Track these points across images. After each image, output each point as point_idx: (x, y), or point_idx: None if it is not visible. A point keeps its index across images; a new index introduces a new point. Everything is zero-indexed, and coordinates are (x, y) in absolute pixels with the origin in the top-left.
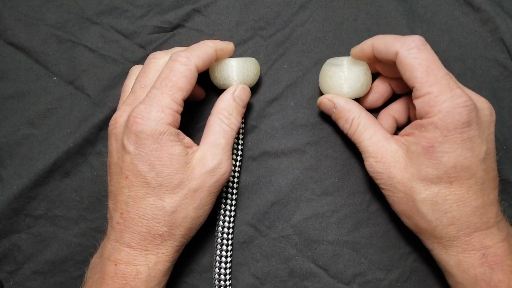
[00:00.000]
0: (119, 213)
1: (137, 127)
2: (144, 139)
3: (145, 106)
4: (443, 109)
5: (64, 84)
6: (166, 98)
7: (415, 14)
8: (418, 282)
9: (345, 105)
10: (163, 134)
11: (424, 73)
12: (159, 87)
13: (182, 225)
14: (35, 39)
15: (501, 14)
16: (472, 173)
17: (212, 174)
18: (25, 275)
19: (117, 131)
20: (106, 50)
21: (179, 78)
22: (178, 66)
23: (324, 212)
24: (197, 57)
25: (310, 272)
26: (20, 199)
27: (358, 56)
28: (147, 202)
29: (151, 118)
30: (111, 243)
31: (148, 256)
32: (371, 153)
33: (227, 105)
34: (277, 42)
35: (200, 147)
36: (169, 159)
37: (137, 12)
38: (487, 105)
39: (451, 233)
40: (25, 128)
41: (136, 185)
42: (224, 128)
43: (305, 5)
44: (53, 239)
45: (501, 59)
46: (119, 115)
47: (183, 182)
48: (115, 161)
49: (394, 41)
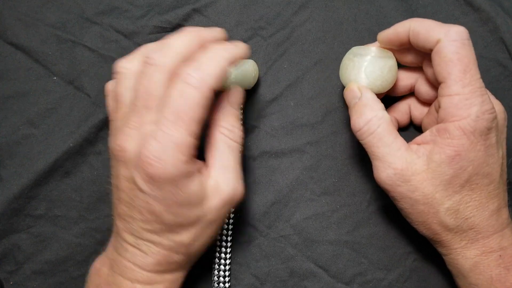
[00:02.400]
0: (133, 236)
1: (151, 171)
2: (159, 182)
3: (159, 145)
4: (472, 114)
5: (64, 84)
6: (182, 135)
7: (415, 14)
8: (418, 282)
9: (371, 101)
10: (180, 176)
11: (461, 71)
12: (173, 119)
13: (199, 250)
14: (35, 39)
15: (501, 14)
16: (492, 179)
17: (228, 203)
18: (25, 275)
19: (125, 159)
20: (106, 50)
21: (194, 109)
22: (191, 93)
23: (324, 212)
24: (213, 78)
25: (310, 272)
26: (20, 199)
27: (388, 40)
28: (163, 235)
29: (167, 161)
30: (123, 261)
31: (165, 276)
32: (390, 163)
33: (227, 115)
34: (277, 42)
35: (210, 171)
36: (186, 199)
37: (137, 12)
38: (502, 108)
39: (470, 237)
40: (25, 128)
41: (151, 222)
42: (230, 145)
43: (305, 5)
44: (53, 239)
45: (501, 59)
46: (125, 140)
47: (200, 217)
48: (125, 190)
49: (438, 28)
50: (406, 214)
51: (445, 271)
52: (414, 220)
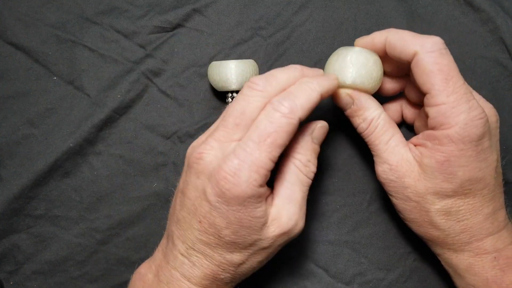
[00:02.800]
0: (186, 245)
1: (225, 185)
2: (229, 198)
3: (239, 162)
4: (460, 122)
5: (64, 84)
6: (263, 157)
7: (415, 14)
8: (418, 282)
9: (366, 103)
10: (250, 197)
11: (443, 80)
12: (257, 141)
13: (246, 273)
14: (35, 39)
15: (501, 14)
16: (486, 184)
17: (285, 235)
18: (25, 275)
19: (200, 168)
20: (106, 50)
21: (280, 134)
22: (280, 119)
23: (324, 212)
24: (302, 108)
25: (310, 272)
26: (20, 199)
27: (364, 48)
28: (216, 250)
29: (242, 178)
30: (170, 270)
31: None
32: (386, 159)
33: (305, 148)
34: (277, 42)
35: (275, 199)
36: (248, 222)
37: (137, 12)
38: (493, 111)
39: (463, 239)
40: (25, 128)
41: (208, 234)
42: (301, 179)
43: (305, 5)
44: (53, 239)
45: (501, 59)
46: (206, 150)
47: (256, 242)
48: (191, 197)
49: (413, 40)
50: (399, 210)
51: (445, 271)
52: (407, 217)
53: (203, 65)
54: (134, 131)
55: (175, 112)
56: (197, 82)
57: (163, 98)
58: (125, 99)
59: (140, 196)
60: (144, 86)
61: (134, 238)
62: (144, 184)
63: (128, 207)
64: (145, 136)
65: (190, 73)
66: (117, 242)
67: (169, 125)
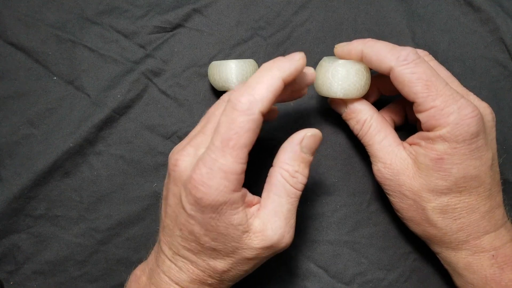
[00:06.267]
0: (171, 251)
1: (196, 193)
2: (202, 207)
3: (206, 170)
4: (450, 122)
5: (64, 84)
6: (229, 162)
7: (415, 14)
8: (418, 282)
9: (357, 105)
10: (224, 204)
11: (424, 87)
12: (220, 146)
13: (232, 280)
14: (35, 39)
15: (501, 14)
16: (481, 182)
17: (270, 249)
18: (25, 275)
19: (177, 175)
20: (106, 50)
21: (242, 135)
22: (239, 118)
23: (324, 212)
24: (262, 101)
25: (310, 272)
26: (20, 199)
27: (342, 57)
28: (199, 256)
29: (213, 187)
30: (160, 274)
31: None
32: (380, 158)
33: (293, 158)
34: (277, 42)
35: (260, 211)
36: (225, 229)
37: (137, 12)
38: (489, 110)
39: (460, 238)
40: (25, 128)
41: (190, 240)
42: (288, 191)
43: (305, 5)
44: (53, 239)
45: (501, 59)
46: (182, 157)
47: (238, 250)
48: (171, 204)
49: (388, 55)
50: (397, 209)
51: (445, 271)
52: (404, 215)
53: (203, 65)
54: (134, 131)
55: (175, 112)
56: (197, 82)
57: (163, 98)
58: (125, 99)
59: (140, 196)
60: (144, 86)
61: (134, 238)
62: (144, 184)
63: (128, 207)
64: (145, 136)
65: (190, 73)
66: (117, 242)
67: (169, 125)
